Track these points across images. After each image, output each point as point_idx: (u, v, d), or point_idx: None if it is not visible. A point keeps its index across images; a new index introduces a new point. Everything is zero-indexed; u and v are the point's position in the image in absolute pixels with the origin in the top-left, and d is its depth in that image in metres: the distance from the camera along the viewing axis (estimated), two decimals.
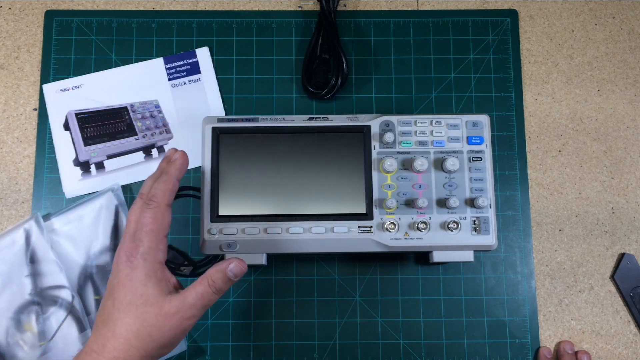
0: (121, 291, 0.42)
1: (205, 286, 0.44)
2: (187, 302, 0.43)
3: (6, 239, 0.57)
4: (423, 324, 0.59)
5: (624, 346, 0.59)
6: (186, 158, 0.47)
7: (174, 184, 0.46)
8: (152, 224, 0.43)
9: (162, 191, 0.44)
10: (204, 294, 0.43)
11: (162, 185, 0.45)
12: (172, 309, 0.42)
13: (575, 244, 0.61)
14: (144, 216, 0.43)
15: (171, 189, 0.45)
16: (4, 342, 0.55)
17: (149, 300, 0.42)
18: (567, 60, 0.65)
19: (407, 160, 0.53)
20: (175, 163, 0.46)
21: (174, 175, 0.46)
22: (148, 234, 0.43)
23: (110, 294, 0.43)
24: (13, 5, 0.65)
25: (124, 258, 0.42)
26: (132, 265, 0.42)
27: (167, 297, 0.42)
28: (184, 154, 0.47)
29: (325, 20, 0.62)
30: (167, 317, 0.42)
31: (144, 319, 0.41)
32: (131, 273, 0.42)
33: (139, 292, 0.42)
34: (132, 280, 0.42)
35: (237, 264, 0.45)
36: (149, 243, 0.43)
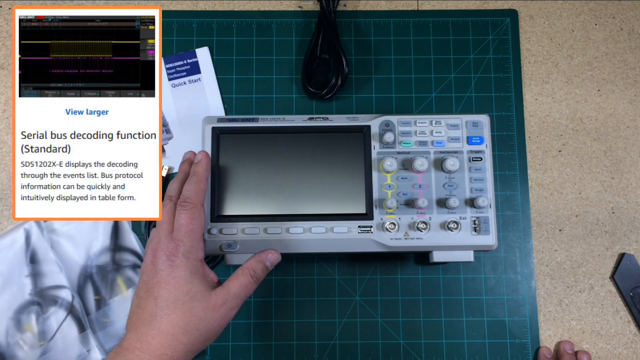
0: (164, 289, 0.43)
1: (247, 277, 0.46)
2: (231, 293, 0.45)
3: (6, 239, 0.57)
4: (423, 324, 0.59)
5: (624, 346, 0.59)
6: (209, 157, 0.50)
7: (204, 183, 0.48)
8: (190, 224, 0.45)
9: (195, 192, 0.47)
10: (247, 284, 0.46)
11: (195, 186, 0.47)
12: (219, 301, 0.44)
13: (575, 244, 0.61)
14: (181, 217, 0.45)
15: (203, 189, 0.48)
16: (4, 342, 0.55)
17: (196, 295, 0.43)
18: (567, 60, 0.65)
19: (407, 160, 0.53)
20: (202, 163, 0.49)
21: (204, 175, 0.48)
22: (188, 234, 0.45)
23: (149, 293, 0.43)
24: (13, 5, 0.65)
25: (164, 258, 0.44)
26: (175, 265, 0.43)
27: (212, 291, 0.44)
28: (207, 154, 0.50)
29: (325, 20, 0.62)
30: (215, 309, 0.44)
31: (192, 314, 0.43)
32: (174, 272, 0.43)
33: (184, 289, 0.43)
34: (175, 279, 0.43)
35: (274, 253, 0.48)
36: (190, 242, 0.45)
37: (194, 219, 0.45)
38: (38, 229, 0.57)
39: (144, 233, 0.59)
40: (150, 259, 0.45)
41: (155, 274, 0.44)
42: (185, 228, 0.45)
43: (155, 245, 0.45)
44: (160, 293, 0.43)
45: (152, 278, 0.44)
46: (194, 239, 0.45)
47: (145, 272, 0.45)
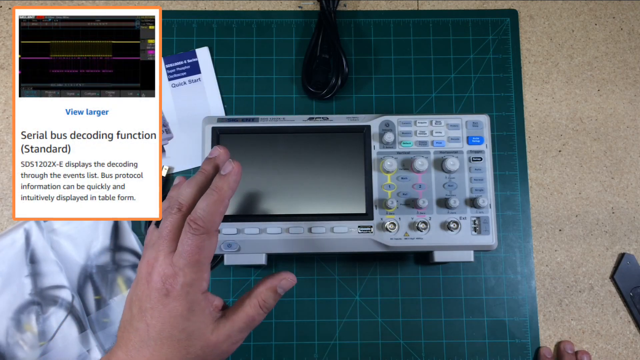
0: (157, 320, 0.36)
1: (256, 308, 0.40)
2: (236, 328, 0.39)
3: (6, 239, 0.57)
4: (423, 324, 0.59)
5: (624, 346, 0.59)
6: (241, 172, 0.39)
7: (225, 205, 0.38)
8: (196, 254, 0.37)
9: (210, 214, 0.37)
10: (255, 315, 0.40)
11: (212, 206, 0.37)
12: (221, 338, 0.38)
13: (575, 244, 0.61)
14: (187, 242, 0.37)
15: (221, 212, 0.38)
16: (4, 342, 0.55)
17: (194, 334, 0.37)
18: (567, 60, 0.65)
19: (407, 160, 0.53)
20: (229, 179, 0.38)
21: (227, 195, 0.38)
22: (192, 265, 0.37)
23: (141, 315, 0.37)
24: (13, 5, 0.65)
25: (159, 283, 0.36)
26: (170, 295, 0.36)
27: (214, 327, 0.38)
28: (240, 168, 0.39)
29: (325, 20, 0.62)
30: (216, 346, 0.38)
31: (188, 351, 0.37)
32: (169, 304, 0.36)
33: (181, 326, 0.37)
34: (170, 312, 0.36)
35: (289, 280, 0.41)
36: (192, 275, 0.37)
37: (202, 249, 0.37)
38: (38, 229, 0.57)
39: (144, 233, 0.59)
40: (145, 273, 0.38)
41: (148, 296, 0.37)
42: (189, 257, 0.36)
43: (152, 259, 0.38)
44: (153, 322, 0.36)
45: (145, 299, 0.37)
46: (197, 272, 0.37)
47: (139, 285, 0.38)
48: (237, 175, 0.39)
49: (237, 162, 0.39)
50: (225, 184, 0.38)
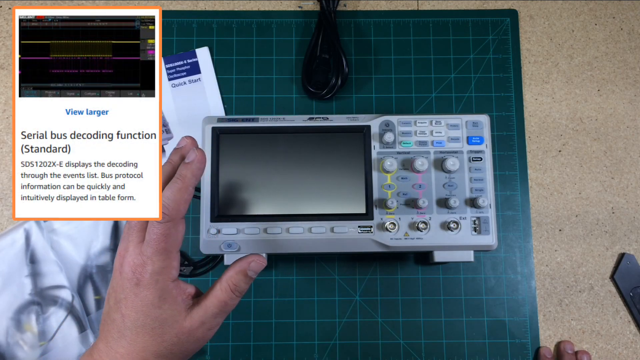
0: (130, 309, 0.37)
1: (227, 292, 0.40)
2: (209, 314, 0.39)
3: (6, 239, 0.57)
4: (423, 324, 0.59)
5: (624, 346, 0.59)
6: (204, 159, 0.40)
7: (189, 192, 0.39)
8: (163, 242, 0.37)
9: (174, 202, 0.37)
10: (228, 300, 0.40)
11: (176, 194, 0.38)
12: (195, 324, 0.39)
13: (575, 244, 0.61)
14: (154, 231, 0.37)
15: (186, 199, 0.38)
16: (4, 342, 0.55)
17: (167, 321, 0.38)
18: (567, 60, 0.65)
19: (407, 160, 0.53)
20: (192, 167, 0.39)
21: (190, 181, 0.39)
22: (158, 253, 0.37)
23: (117, 306, 0.38)
24: (13, 5, 0.65)
25: (129, 273, 0.37)
26: (141, 284, 0.37)
27: (187, 313, 0.39)
28: (202, 154, 0.39)
29: (325, 20, 0.62)
30: (190, 332, 0.39)
31: (163, 339, 0.38)
32: (140, 293, 0.37)
33: (153, 314, 0.37)
34: (142, 301, 0.37)
35: (257, 261, 0.42)
36: (160, 262, 0.37)
37: (167, 236, 0.37)
38: (38, 229, 0.57)
39: None
40: (118, 265, 0.38)
41: (121, 287, 0.38)
42: (156, 245, 0.37)
43: (122, 250, 0.39)
44: (127, 312, 0.37)
45: (119, 290, 0.38)
46: (165, 259, 0.37)
47: (114, 277, 0.39)
48: (201, 162, 0.39)
49: (200, 150, 0.40)
50: (189, 171, 0.39)
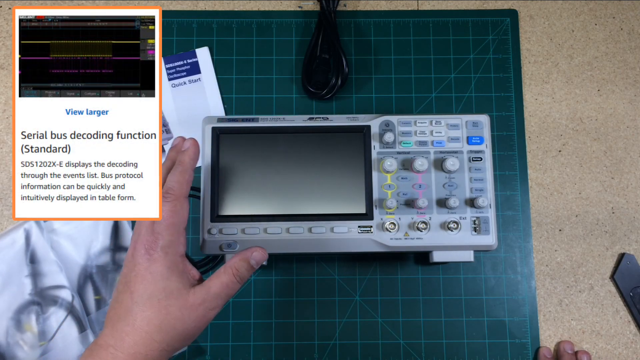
0: (140, 284, 0.41)
1: (229, 275, 0.43)
2: (211, 293, 0.42)
3: (6, 239, 0.57)
4: (423, 324, 0.59)
5: (624, 346, 0.59)
6: (198, 146, 0.46)
7: (189, 174, 0.45)
8: (171, 217, 0.42)
9: (178, 183, 0.44)
10: (229, 283, 0.43)
11: (178, 176, 0.44)
12: (197, 300, 0.42)
13: (575, 244, 0.61)
14: (164, 209, 0.43)
15: (187, 180, 0.45)
16: (4, 342, 0.55)
17: (173, 293, 0.41)
18: (567, 60, 0.65)
19: (407, 160, 0.53)
20: (188, 152, 0.45)
21: (189, 164, 0.45)
22: (168, 228, 0.42)
23: (126, 287, 0.41)
24: (13, 5, 0.65)
25: (142, 251, 0.41)
26: (152, 259, 0.41)
27: (191, 289, 0.42)
28: (195, 142, 0.46)
29: (325, 20, 0.62)
30: (192, 308, 0.41)
31: (168, 312, 0.41)
32: (151, 266, 0.41)
33: (161, 285, 0.41)
34: (152, 274, 0.41)
35: (260, 252, 0.46)
36: (169, 236, 0.42)
37: (175, 212, 0.43)
38: (38, 229, 0.57)
39: None
40: (131, 251, 0.42)
41: (133, 267, 0.41)
42: (165, 221, 0.42)
43: (135, 236, 0.43)
44: (136, 287, 0.41)
45: (130, 271, 0.42)
46: (174, 233, 0.42)
47: (126, 265, 0.43)
48: (195, 147, 0.46)
49: (193, 138, 0.46)
50: (187, 156, 0.45)
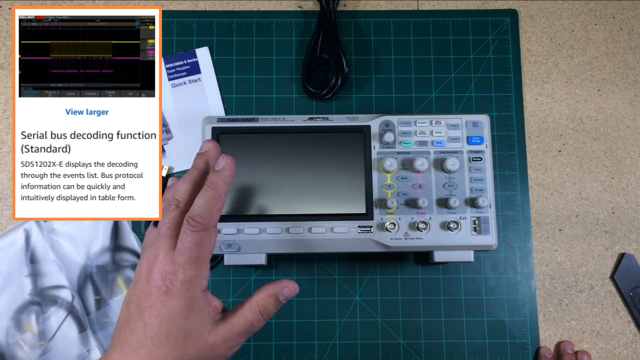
0: (155, 318, 0.36)
1: (256, 313, 0.39)
2: (234, 332, 0.38)
3: (6, 239, 0.57)
4: (423, 324, 0.59)
5: (624, 346, 0.59)
6: (234, 167, 0.39)
7: (222, 201, 0.38)
8: (196, 251, 0.36)
9: (207, 210, 0.37)
10: (254, 321, 0.39)
11: (209, 203, 0.37)
12: (219, 340, 0.38)
13: (575, 244, 0.61)
14: (187, 239, 0.36)
15: (219, 208, 0.38)
16: (4, 342, 0.55)
17: (191, 333, 0.37)
18: (567, 60, 0.65)
19: (407, 160, 0.53)
20: (223, 174, 0.38)
21: (223, 190, 0.38)
22: (191, 262, 0.36)
23: (139, 314, 0.37)
24: (13, 5, 0.65)
25: (159, 281, 0.36)
26: (170, 293, 0.36)
27: (213, 328, 0.38)
28: (232, 162, 0.39)
29: (325, 20, 0.62)
30: (212, 348, 0.38)
31: (185, 352, 0.37)
32: (169, 301, 0.36)
33: (179, 324, 0.36)
34: (169, 310, 0.36)
35: (291, 288, 0.40)
36: (192, 271, 0.36)
37: (201, 245, 0.37)
38: (38, 229, 0.57)
39: (144, 233, 0.59)
40: (145, 272, 0.37)
41: (148, 294, 0.37)
42: (189, 254, 0.36)
43: (152, 256, 0.38)
44: (151, 320, 0.36)
45: (145, 298, 0.37)
46: (197, 268, 0.37)
47: (138, 284, 0.38)
48: (231, 170, 0.39)
49: (230, 157, 0.39)
50: (220, 179, 0.38)
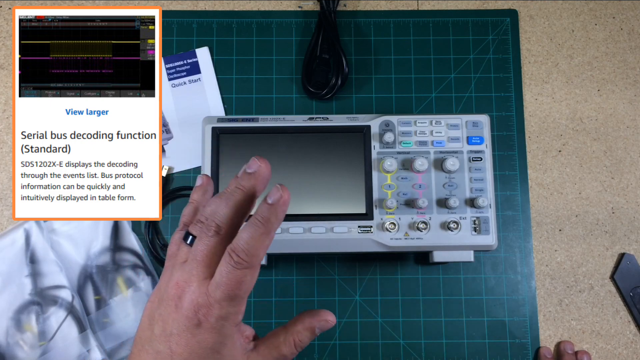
0: (183, 348, 0.33)
1: (290, 347, 0.37)
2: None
3: (6, 239, 0.57)
4: (423, 324, 0.59)
5: (624, 346, 0.59)
6: (289, 200, 0.34)
7: (271, 238, 0.34)
8: (237, 289, 0.33)
9: (256, 249, 0.33)
10: (288, 354, 0.37)
11: (258, 241, 0.33)
12: None
13: (575, 244, 0.61)
14: (227, 275, 0.32)
15: (267, 245, 0.34)
16: (4, 342, 0.55)
17: None
18: (567, 60, 0.65)
19: (407, 160, 0.53)
20: (277, 210, 0.33)
21: (274, 227, 0.34)
22: (230, 299, 0.33)
23: (165, 339, 0.34)
24: (13, 5, 0.65)
25: (191, 312, 0.33)
26: (203, 327, 0.33)
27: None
28: (289, 196, 0.34)
29: (325, 20, 0.62)
30: None
31: None
32: (200, 335, 0.33)
33: (209, 358, 0.34)
34: (200, 344, 0.33)
35: (330, 323, 0.38)
36: (230, 308, 0.33)
37: (243, 283, 0.33)
38: (38, 229, 0.57)
39: (144, 233, 0.59)
40: (174, 296, 0.34)
41: (176, 321, 0.33)
42: (228, 291, 0.33)
43: (182, 281, 0.34)
44: (179, 350, 0.33)
45: (172, 324, 0.34)
46: (235, 305, 0.33)
47: (165, 306, 0.34)
48: (287, 205, 0.34)
49: (285, 188, 0.34)
50: (273, 215, 0.33)
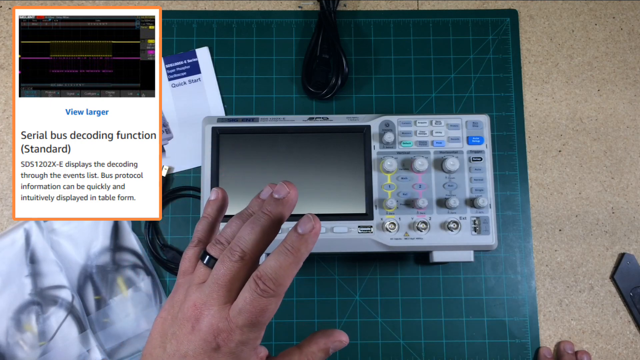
0: None
1: None
2: None
3: (6, 239, 0.57)
4: (423, 324, 0.59)
5: (624, 346, 0.59)
6: (319, 232, 0.34)
7: (299, 267, 0.34)
8: (260, 316, 0.32)
9: (283, 278, 0.32)
10: None
11: (287, 270, 0.33)
12: None
13: (575, 244, 0.61)
14: (251, 302, 0.32)
15: (294, 274, 0.34)
16: (4, 342, 0.55)
17: None
18: (567, 60, 0.65)
19: (407, 160, 0.53)
20: (308, 241, 0.33)
21: (303, 257, 0.33)
22: (251, 325, 0.32)
23: (179, 359, 0.33)
24: (13, 5, 0.65)
25: (210, 336, 0.32)
26: (221, 351, 0.32)
27: None
28: (319, 226, 0.34)
29: (325, 20, 0.62)
30: None
31: None
32: (218, 358, 0.32)
33: None
34: None
35: (343, 343, 0.37)
36: (250, 334, 0.33)
37: (267, 310, 0.32)
38: (38, 229, 0.57)
39: (144, 233, 0.59)
40: (190, 316, 0.33)
41: (192, 342, 0.32)
42: (250, 318, 0.32)
43: (200, 303, 0.33)
44: None
45: (187, 344, 0.33)
46: (256, 331, 0.33)
47: (179, 325, 0.33)
48: (317, 236, 0.33)
49: (317, 218, 0.34)
50: (304, 246, 0.33)
